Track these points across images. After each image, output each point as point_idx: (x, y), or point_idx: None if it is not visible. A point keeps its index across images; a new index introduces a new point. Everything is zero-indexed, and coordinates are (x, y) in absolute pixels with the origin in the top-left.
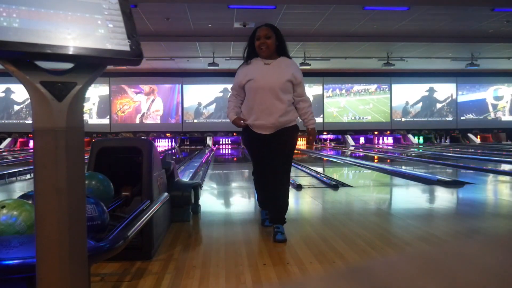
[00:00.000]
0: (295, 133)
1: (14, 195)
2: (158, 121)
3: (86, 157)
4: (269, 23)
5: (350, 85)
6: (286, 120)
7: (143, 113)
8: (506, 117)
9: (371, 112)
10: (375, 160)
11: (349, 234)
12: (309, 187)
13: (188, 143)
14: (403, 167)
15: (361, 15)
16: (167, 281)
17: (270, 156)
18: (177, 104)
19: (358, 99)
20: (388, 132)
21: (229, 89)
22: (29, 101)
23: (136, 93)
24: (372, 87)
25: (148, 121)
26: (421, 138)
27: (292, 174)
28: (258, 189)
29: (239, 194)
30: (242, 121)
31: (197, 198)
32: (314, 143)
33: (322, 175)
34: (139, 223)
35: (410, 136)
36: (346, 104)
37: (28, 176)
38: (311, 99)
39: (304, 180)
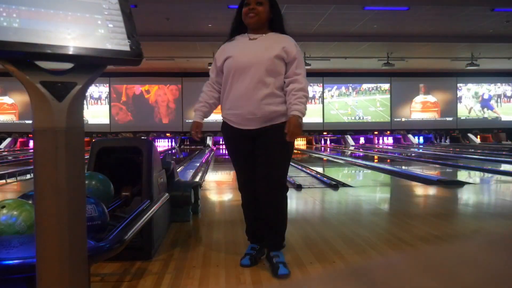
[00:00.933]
0: None
1: (14, 195)
2: (158, 121)
3: (86, 157)
4: None
5: (358, 83)
6: (273, 110)
7: (142, 114)
8: (506, 117)
9: (381, 113)
10: (375, 160)
11: (349, 234)
12: (309, 187)
13: (188, 143)
14: (403, 167)
15: (361, 15)
16: (167, 281)
17: (258, 163)
18: (177, 105)
19: (367, 99)
20: (388, 132)
21: None
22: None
23: (137, 94)
24: (386, 85)
25: (147, 121)
26: (421, 138)
27: (292, 174)
28: (248, 215)
29: (239, 194)
30: (197, 132)
31: (197, 198)
32: (295, 140)
33: (322, 175)
34: (139, 223)
35: (410, 136)
36: (353, 104)
37: (28, 176)
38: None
39: (304, 180)
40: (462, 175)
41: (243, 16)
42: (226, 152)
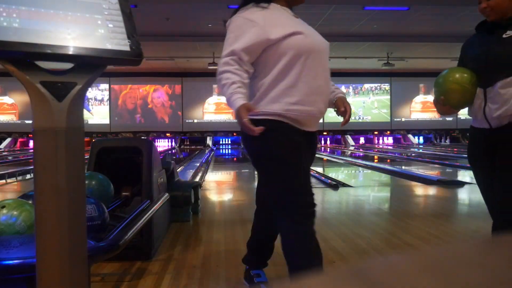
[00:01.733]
0: None
1: (14, 195)
2: (158, 121)
3: (86, 157)
4: None
5: (358, 83)
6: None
7: (142, 114)
8: None
9: (381, 113)
10: (375, 160)
11: (349, 234)
12: None
13: (188, 143)
14: (403, 167)
15: (361, 15)
16: (167, 281)
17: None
18: (177, 105)
19: (367, 99)
20: (388, 132)
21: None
22: None
23: (138, 94)
24: (386, 85)
25: (148, 120)
26: (421, 138)
27: None
28: (308, 238)
29: (239, 194)
30: (257, 115)
31: (197, 198)
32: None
33: (322, 175)
34: (139, 223)
35: (410, 136)
36: (354, 104)
37: (28, 176)
38: None
39: None
40: (462, 175)
41: None
42: (276, 162)
